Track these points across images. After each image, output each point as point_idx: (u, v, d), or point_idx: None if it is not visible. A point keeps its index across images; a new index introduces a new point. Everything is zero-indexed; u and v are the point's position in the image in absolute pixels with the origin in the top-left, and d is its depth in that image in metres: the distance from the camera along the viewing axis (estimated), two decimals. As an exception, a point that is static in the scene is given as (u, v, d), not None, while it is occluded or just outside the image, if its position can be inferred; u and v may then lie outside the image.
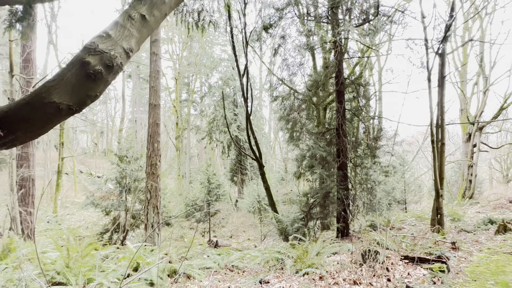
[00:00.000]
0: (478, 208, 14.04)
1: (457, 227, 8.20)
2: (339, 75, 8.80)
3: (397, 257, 3.69)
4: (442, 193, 6.35)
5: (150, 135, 8.10)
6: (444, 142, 6.35)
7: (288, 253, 4.40)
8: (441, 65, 6.32)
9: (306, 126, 9.13)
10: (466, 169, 18.03)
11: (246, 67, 8.17)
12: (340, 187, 8.60)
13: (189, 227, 10.66)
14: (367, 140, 8.86)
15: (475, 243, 5.29)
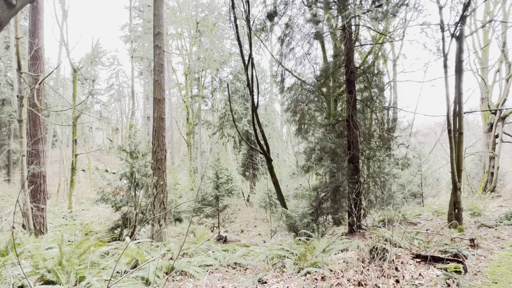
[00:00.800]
0: (500, 201, 13.36)
1: (477, 222, 7.74)
2: (349, 64, 8.41)
3: (408, 255, 3.40)
4: (460, 186, 5.95)
5: (155, 130, 8.00)
6: (462, 131, 5.92)
7: (292, 250, 4.17)
8: (458, 49, 5.86)
9: (315, 118, 8.81)
10: (488, 161, 17.20)
11: (250, 58, 7.90)
12: (351, 181, 8.27)
13: (198, 223, 10.59)
14: (380, 132, 8.47)
15: (496, 240, 4.91)
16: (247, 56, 8.69)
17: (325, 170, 7.96)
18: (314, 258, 3.68)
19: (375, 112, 8.28)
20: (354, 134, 8.15)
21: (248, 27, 7.51)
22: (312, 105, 8.58)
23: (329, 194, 8.45)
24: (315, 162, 8.10)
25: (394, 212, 8.36)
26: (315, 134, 8.94)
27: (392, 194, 7.98)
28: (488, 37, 17.31)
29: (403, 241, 4.00)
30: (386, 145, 8.49)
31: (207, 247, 6.56)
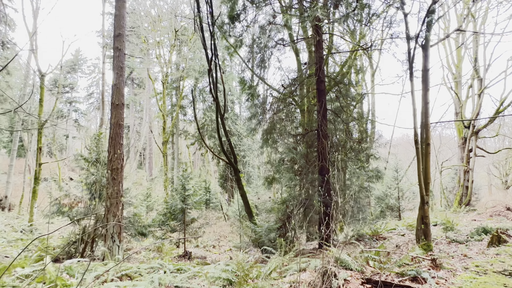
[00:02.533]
0: (474, 215, 13.30)
1: (448, 237, 7.48)
2: (320, 73, 8.18)
3: (358, 280, 3.00)
4: (427, 199, 5.66)
5: (111, 137, 7.42)
6: (429, 142, 5.68)
7: (238, 272, 3.69)
8: (424, 57, 5.69)
9: (285, 128, 8.47)
10: (462, 175, 17.33)
11: (211, 61, 7.50)
12: (321, 194, 7.91)
13: (163, 237, 9.90)
14: (351, 143, 8.20)
15: (463, 259, 4.58)
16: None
17: (288, 182, 7.56)
18: (257, 282, 3.22)
19: (345, 123, 8.01)
20: (323, 145, 7.84)
21: (209, 29, 7.15)
22: (282, 114, 8.24)
23: (298, 207, 8.04)
24: (282, 174, 7.70)
25: (364, 227, 8.01)
26: (285, 145, 8.59)
27: (362, 208, 7.64)
28: (461, 54, 17.81)
29: (360, 261, 3.60)
30: (357, 157, 8.21)
31: (159, 266, 5.95)
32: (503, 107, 16.24)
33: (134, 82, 45.56)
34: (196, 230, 10.15)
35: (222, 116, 8.24)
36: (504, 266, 3.82)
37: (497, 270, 3.61)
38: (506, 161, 27.10)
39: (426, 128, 5.63)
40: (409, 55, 5.69)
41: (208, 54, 7.48)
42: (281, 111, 8.48)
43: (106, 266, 4.82)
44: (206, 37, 7.99)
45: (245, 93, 7.64)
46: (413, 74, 5.67)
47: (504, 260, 4.22)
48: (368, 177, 7.74)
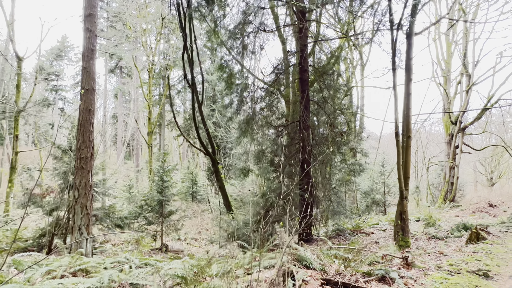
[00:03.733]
0: (457, 211, 13.31)
1: (428, 233, 7.34)
2: (303, 62, 7.86)
3: (318, 280, 2.74)
4: (407, 194, 5.44)
5: (80, 124, 7.00)
6: (410, 135, 5.44)
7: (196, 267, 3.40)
8: (408, 45, 5.42)
9: (267, 118, 8.16)
10: (448, 171, 17.37)
11: (185, 43, 7.08)
12: (302, 187, 7.67)
13: (139, 230, 9.56)
14: (333, 135, 7.94)
15: (438, 256, 4.39)
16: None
17: (268, 175, 7.29)
18: (211, 281, 2.94)
19: (328, 115, 7.74)
20: (305, 137, 7.56)
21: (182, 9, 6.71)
22: (263, 104, 7.92)
23: (277, 201, 7.78)
24: (259, 166, 7.41)
25: (345, 222, 7.81)
26: (265, 136, 8.29)
27: (342, 202, 7.43)
28: (451, 50, 17.71)
29: (326, 259, 3.35)
30: (340, 150, 7.97)
31: (126, 260, 5.64)
32: (490, 104, 16.23)
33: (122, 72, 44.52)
34: (174, 223, 9.83)
35: (200, 105, 7.88)
36: (479, 265, 3.62)
37: (471, 269, 3.40)
38: (492, 158, 27.40)
39: (407, 120, 5.38)
40: (392, 42, 5.41)
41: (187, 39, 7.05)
42: (263, 101, 8.15)
43: (61, 261, 4.47)
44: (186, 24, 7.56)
45: (223, 80, 7.27)
46: (395, 63, 5.40)
47: (480, 258, 4.03)
48: (350, 171, 7.51)
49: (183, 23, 6.91)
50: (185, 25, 6.79)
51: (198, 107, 7.88)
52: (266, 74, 7.53)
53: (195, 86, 7.70)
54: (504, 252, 4.43)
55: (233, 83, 7.37)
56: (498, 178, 28.48)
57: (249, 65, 8.20)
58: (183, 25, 6.81)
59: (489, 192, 24.42)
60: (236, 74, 7.47)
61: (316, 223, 8.34)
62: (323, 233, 8.74)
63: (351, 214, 7.43)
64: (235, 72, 7.47)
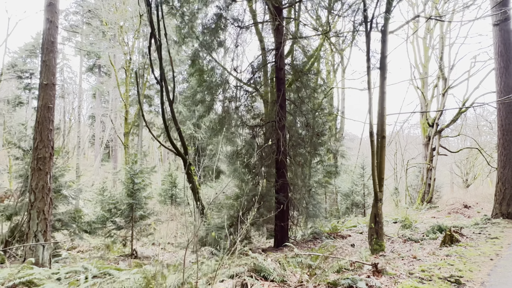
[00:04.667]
0: (434, 212, 13.46)
1: (404, 235, 7.25)
2: (279, 59, 7.63)
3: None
4: (381, 196, 5.28)
5: (38, 121, 6.46)
6: (384, 135, 5.29)
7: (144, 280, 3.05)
8: (382, 42, 5.27)
9: (242, 118, 7.86)
10: (425, 173, 17.64)
11: (154, 38, 6.69)
12: (278, 189, 7.42)
13: (106, 235, 9.02)
14: (310, 136, 7.74)
15: (411, 261, 4.21)
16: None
17: (243, 176, 7.00)
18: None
19: (305, 115, 7.54)
20: (281, 137, 7.32)
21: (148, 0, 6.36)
22: (238, 103, 7.62)
23: (252, 203, 7.48)
24: (233, 167, 7.10)
25: (320, 224, 7.62)
26: (240, 136, 8.00)
27: (317, 205, 7.23)
28: (428, 54, 18.08)
29: (290, 268, 3.08)
30: (317, 151, 7.78)
31: (84, 269, 5.18)
32: (465, 107, 16.63)
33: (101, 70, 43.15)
34: (146, 227, 9.35)
35: (171, 103, 7.50)
36: (451, 270, 3.45)
37: (443, 276, 3.22)
38: (467, 160, 28.22)
39: (381, 120, 5.22)
40: (367, 38, 5.25)
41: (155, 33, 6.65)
42: (238, 100, 7.85)
43: (1, 272, 3.99)
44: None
45: (194, 77, 6.93)
46: (370, 60, 5.24)
47: (453, 262, 3.88)
48: (326, 172, 7.32)
49: (151, 14, 6.52)
50: (150, 17, 6.40)
51: (169, 105, 7.50)
52: (240, 71, 7.24)
53: (166, 83, 7.32)
54: (477, 255, 4.31)
55: (205, 80, 7.04)
56: (473, 180, 29.37)
57: (224, 63, 7.88)
58: (151, 16, 6.42)
59: (465, 193, 25.10)
60: (209, 71, 7.14)
61: (292, 226, 8.10)
62: (300, 237, 8.52)
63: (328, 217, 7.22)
64: (208, 68, 7.15)
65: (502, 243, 5.19)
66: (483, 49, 14.87)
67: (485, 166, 25.97)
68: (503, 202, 7.87)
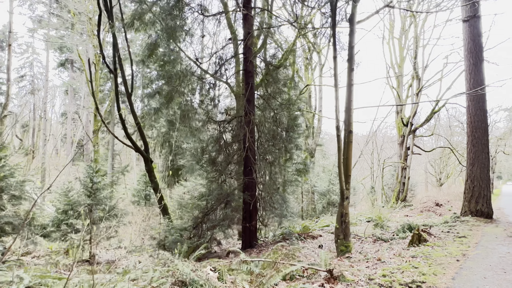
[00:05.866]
0: (407, 211, 13.52)
1: (375, 235, 7.04)
2: (247, 52, 7.24)
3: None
4: (348, 194, 4.99)
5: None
6: (351, 129, 5.00)
7: None
8: (350, 33, 4.99)
9: (208, 113, 7.41)
10: (400, 172, 17.81)
11: (100, 18, 6.09)
12: (245, 188, 7.02)
13: (61, 239, 8.30)
14: (279, 133, 7.40)
15: (375, 263, 3.93)
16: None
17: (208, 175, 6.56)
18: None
19: (273, 109, 7.19)
20: (249, 133, 6.92)
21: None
22: (203, 97, 7.16)
23: (218, 203, 7.05)
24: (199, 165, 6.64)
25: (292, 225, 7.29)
26: (208, 132, 7.54)
27: (284, 204, 6.89)
28: (403, 55, 18.27)
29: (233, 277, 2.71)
30: (286, 148, 7.44)
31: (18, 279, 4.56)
32: (438, 107, 16.91)
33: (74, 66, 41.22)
34: (107, 230, 8.69)
35: (129, 95, 6.94)
36: (414, 274, 3.17)
37: (405, 281, 2.93)
38: (440, 159, 28.99)
39: (348, 113, 4.93)
40: (333, 27, 4.94)
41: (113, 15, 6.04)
42: (205, 93, 7.39)
43: None
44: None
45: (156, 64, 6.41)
46: (336, 50, 4.93)
47: (418, 265, 3.61)
48: (296, 170, 6.99)
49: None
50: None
51: (127, 97, 6.93)
52: (208, 64, 6.79)
53: (123, 71, 6.75)
54: (443, 256, 4.09)
55: (167, 71, 6.53)
56: (446, 179, 30.25)
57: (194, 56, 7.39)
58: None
59: (438, 192, 25.73)
60: (172, 61, 6.63)
61: (261, 227, 7.74)
62: (272, 237, 8.18)
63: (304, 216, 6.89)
64: (170, 59, 6.63)
65: (469, 242, 5.03)
66: (455, 50, 15.09)
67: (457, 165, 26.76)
68: (472, 200, 7.85)
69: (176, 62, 6.66)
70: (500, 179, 51.95)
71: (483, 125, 7.62)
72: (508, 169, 54.05)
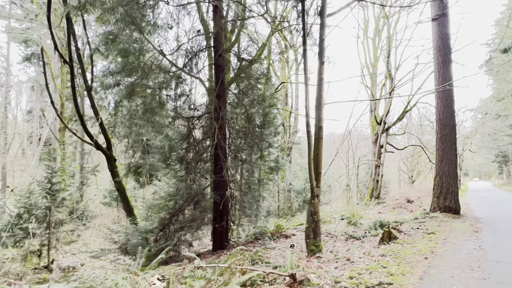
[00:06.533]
0: (380, 208, 13.74)
1: (347, 233, 6.97)
2: (218, 45, 6.94)
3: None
4: (318, 192, 4.83)
5: None
6: (321, 125, 4.84)
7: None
8: (320, 26, 4.82)
9: (177, 108, 7.04)
10: (374, 169, 18.14)
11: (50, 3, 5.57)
12: (215, 187, 6.73)
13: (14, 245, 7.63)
14: (251, 129, 7.16)
15: (344, 264, 3.78)
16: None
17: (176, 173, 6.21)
18: None
19: (245, 106, 6.94)
20: (220, 130, 6.63)
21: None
22: (170, 91, 6.79)
23: (187, 203, 6.70)
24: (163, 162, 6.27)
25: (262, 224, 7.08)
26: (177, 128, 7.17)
27: (255, 203, 6.67)
28: (377, 54, 18.58)
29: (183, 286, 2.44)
30: (259, 146, 7.21)
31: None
32: (410, 106, 17.35)
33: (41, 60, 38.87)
34: (67, 234, 8.11)
35: (89, 88, 6.44)
36: (382, 275, 3.04)
37: (372, 283, 2.78)
38: (412, 157, 29.98)
39: (318, 108, 4.77)
40: (303, 18, 4.76)
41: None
42: (174, 87, 7.01)
43: None
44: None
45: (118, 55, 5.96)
46: (306, 42, 4.75)
47: (386, 264, 3.50)
48: (268, 168, 6.79)
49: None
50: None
51: (87, 91, 6.43)
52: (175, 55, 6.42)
53: (82, 62, 6.25)
54: (412, 254, 4.02)
55: (131, 63, 6.11)
56: (417, 176, 31.37)
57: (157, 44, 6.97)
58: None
59: (410, 189, 26.59)
60: (136, 52, 6.21)
61: (232, 228, 7.47)
62: (245, 238, 7.93)
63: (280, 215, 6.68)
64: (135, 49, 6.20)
65: (438, 239, 5.03)
66: (425, 50, 15.51)
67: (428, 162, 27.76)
68: (441, 196, 7.99)
69: (140, 54, 6.24)
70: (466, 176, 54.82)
71: (451, 122, 7.78)
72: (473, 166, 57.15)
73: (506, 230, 6.03)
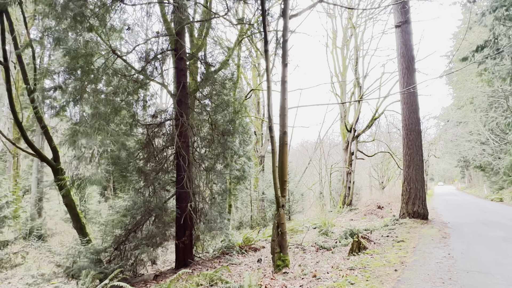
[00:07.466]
0: (352, 215, 13.74)
1: (317, 243, 6.69)
2: (179, 48, 6.55)
3: None
4: (283, 202, 4.51)
5: None
6: (286, 130, 4.56)
7: None
8: (284, 27, 4.59)
9: (135, 115, 6.51)
10: (346, 176, 18.27)
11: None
12: (177, 199, 6.23)
13: None
14: (217, 137, 6.77)
15: (310, 281, 3.45)
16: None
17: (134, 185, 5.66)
18: None
19: (208, 112, 6.55)
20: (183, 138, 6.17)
21: None
22: (127, 96, 6.26)
23: (144, 218, 6.13)
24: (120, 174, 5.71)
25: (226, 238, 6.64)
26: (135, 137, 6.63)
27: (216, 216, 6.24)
28: (346, 64, 18.97)
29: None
30: (224, 154, 6.83)
31: None
32: (378, 114, 17.78)
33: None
34: (10, 257, 7.17)
35: (30, 91, 5.78)
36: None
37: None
38: (382, 164, 30.82)
39: (282, 113, 4.49)
40: (263, 17, 4.50)
41: None
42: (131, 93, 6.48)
43: None
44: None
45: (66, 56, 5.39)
46: (267, 43, 4.49)
47: (355, 280, 3.21)
48: (234, 178, 6.40)
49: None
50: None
51: (28, 94, 5.76)
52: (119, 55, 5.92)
53: (23, 63, 5.62)
54: (381, 266, 3.78)
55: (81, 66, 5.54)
56: (387, 182, 32.24)
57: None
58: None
59: (381, 195, 27.19)
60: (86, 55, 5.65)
61: (198, 242, 6.96)
62: (211, 252, 7.42)
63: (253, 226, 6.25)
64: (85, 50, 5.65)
65: (407, 247, 4.86)
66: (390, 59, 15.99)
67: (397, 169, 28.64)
68: (409, 202, 7.99)
69: (92, 56, 5.69)
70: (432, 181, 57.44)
71: (417, 127, 7.86)
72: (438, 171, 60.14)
73: (473, 234, 6.03)
